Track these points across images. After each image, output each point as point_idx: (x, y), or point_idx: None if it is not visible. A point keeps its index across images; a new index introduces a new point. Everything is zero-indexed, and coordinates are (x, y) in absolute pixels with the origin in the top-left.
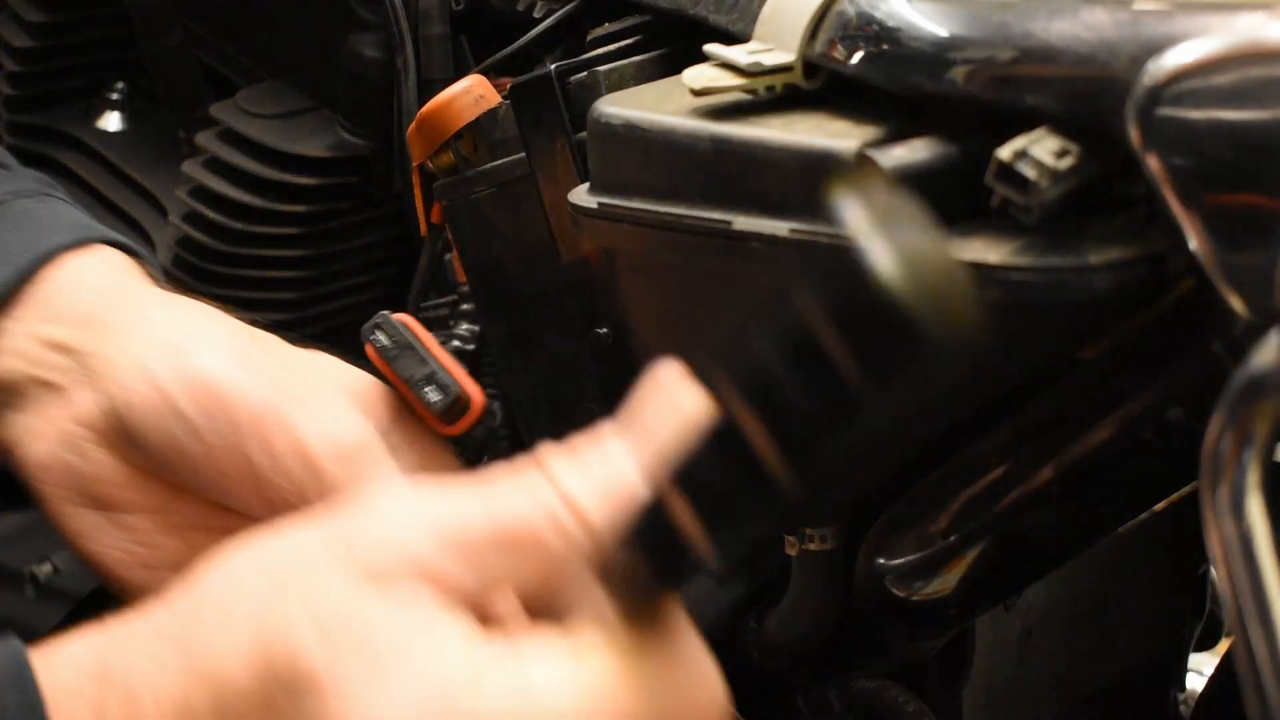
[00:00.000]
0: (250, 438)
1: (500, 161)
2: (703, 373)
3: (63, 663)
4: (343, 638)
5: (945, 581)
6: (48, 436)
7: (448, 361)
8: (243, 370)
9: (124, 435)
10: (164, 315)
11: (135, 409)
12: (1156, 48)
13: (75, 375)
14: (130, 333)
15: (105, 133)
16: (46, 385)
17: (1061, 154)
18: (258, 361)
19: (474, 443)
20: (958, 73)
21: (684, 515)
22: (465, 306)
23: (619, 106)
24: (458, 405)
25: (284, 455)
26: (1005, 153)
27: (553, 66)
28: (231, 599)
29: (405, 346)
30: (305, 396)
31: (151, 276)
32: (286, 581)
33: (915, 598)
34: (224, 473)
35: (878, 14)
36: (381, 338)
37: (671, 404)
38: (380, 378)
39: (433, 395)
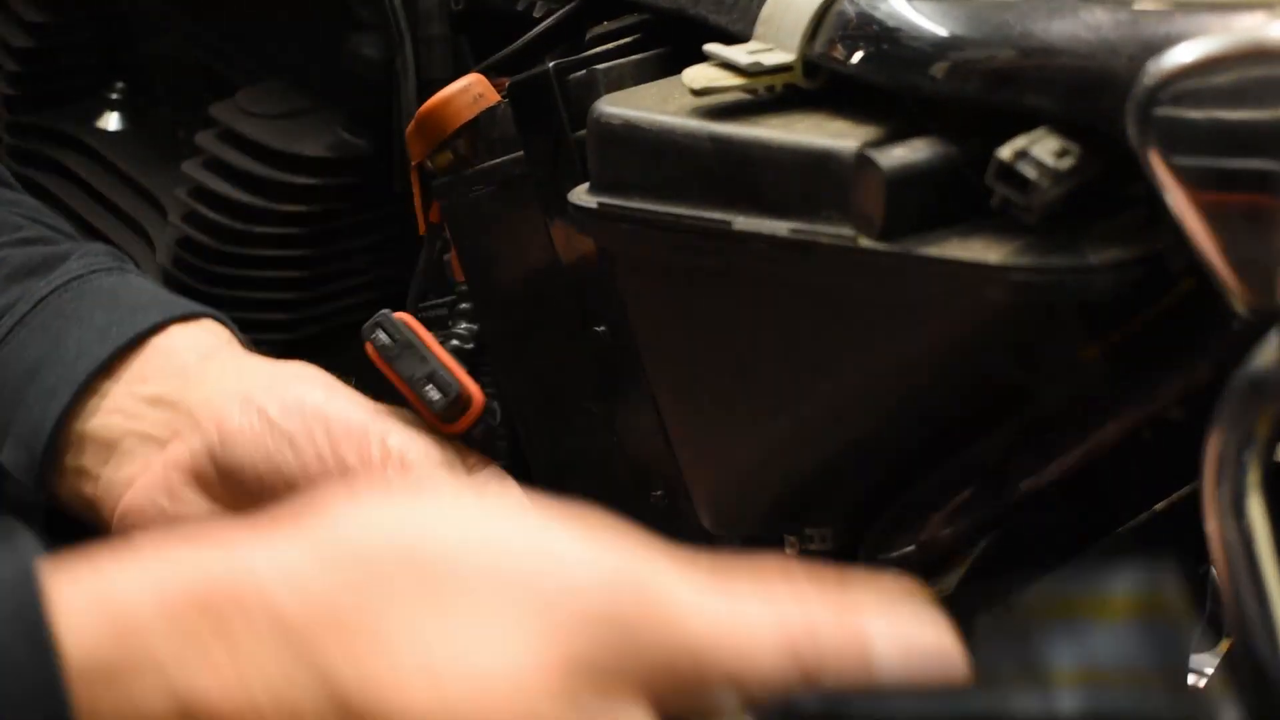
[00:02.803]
0: (346, 446)
1: (499, 160)
2: None
3: (91, 614)
4: None
5: (945, 581)
6: (143, 484)
7: (448, 360)
8: (334, 395)
9: (217, 471)
10: (259, 365)
11: (232, 435)
12: (1156, 48)
13: (172, 425)
14: (227, 378)
15: (105, 133)
16: (144, 437)
17: (1061, 154)
18: (346, 392)
19: (474, 441)
20: (958, 73)
21: None
22: (464, 306)
23: (619, 106)
24: (458, 404)
25: (379, 461)
26: (1005, 153)
27: (551, 65)
28: (389, 622)
29: (406, 345)
30: (390, 415)
31: (244, 344)
32: (471, 646)
33: None
34: (318, 484)
35: (878, 14)
36: (382, 336)
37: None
38: (381, 376)
39: (433, 394)
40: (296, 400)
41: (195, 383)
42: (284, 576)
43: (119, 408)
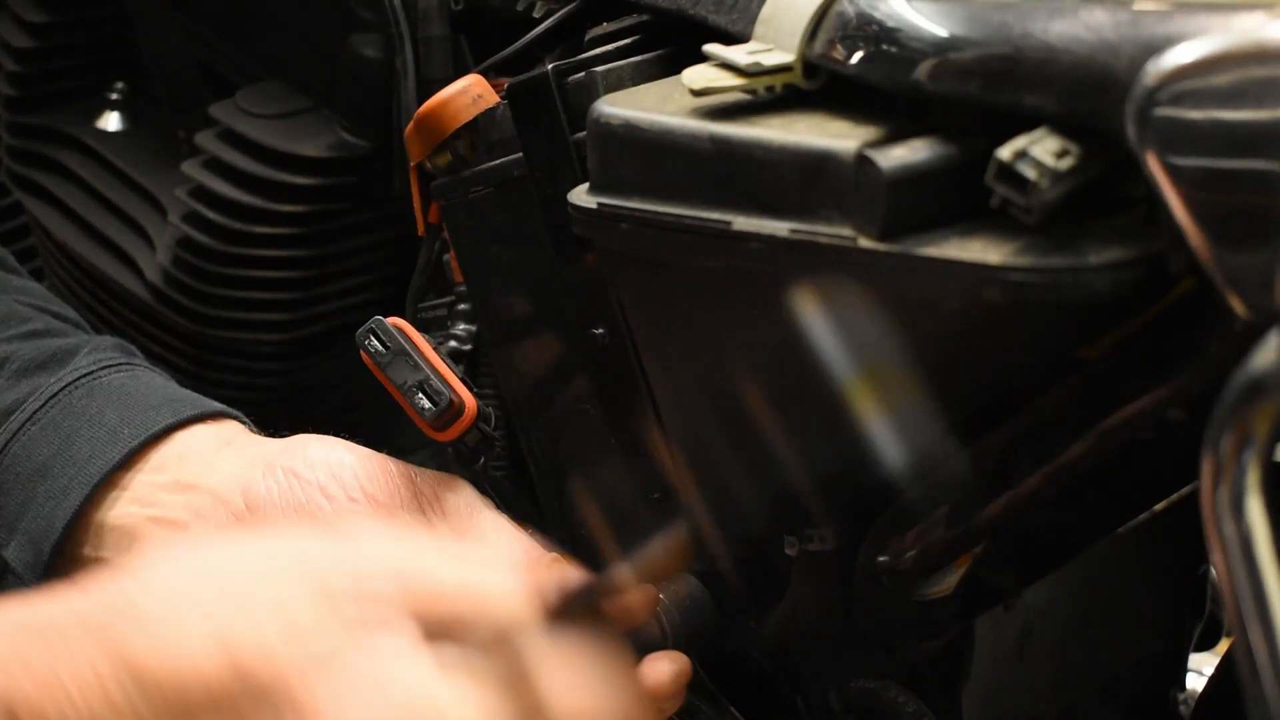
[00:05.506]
0: (374, 486)
1: (498, 161)
2: None
3: None
4: (314, 651)
5: (945, 581)
6: None
7: (441, 367)
8: (352, 448)
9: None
10: (275, 441)
11: (259, 500)
12: (1156, 48)
13: (193, 507)
14: (245, 458)
15: (105, 133)
16: (164, 522)
17: (1061, 154)
18: (363, 448)
19: (467, 449)
20: (958, 73)
21: None
22: (463, 307)
23: (618, 106)
24: (449, 412)
25: (410, 498)
26: (1005, 153)
27: (550, 66)
28: (177, 601)
29: (399, 352)
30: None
31: (259, 434)
32: (246, 591)
33: (915, 598)
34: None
35: (877, 14)
36: (375, 343)
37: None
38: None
39: (424, 402)
40: (319, 454)
41: (214, 467)
42: (99, 598)
43: (136, 497)
